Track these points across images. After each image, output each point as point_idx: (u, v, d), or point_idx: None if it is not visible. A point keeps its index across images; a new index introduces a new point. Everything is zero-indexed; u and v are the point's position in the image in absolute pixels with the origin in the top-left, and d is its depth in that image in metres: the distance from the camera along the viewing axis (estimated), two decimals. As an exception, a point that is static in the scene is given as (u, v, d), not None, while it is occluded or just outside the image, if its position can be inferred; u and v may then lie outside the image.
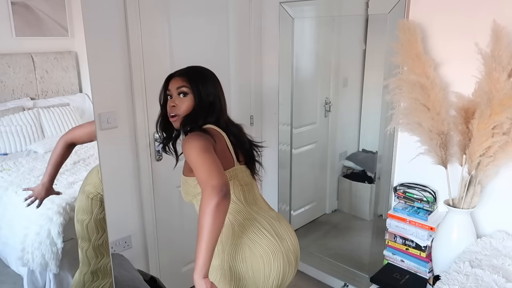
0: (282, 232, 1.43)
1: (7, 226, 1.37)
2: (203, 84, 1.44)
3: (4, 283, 1.37)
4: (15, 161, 1.34)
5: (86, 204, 1.38)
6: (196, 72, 1.46)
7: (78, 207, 1.38)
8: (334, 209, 3.54)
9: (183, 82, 1.43)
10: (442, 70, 1.90)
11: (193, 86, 1.42)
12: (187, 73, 1.45)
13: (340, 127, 3.36)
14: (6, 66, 1.24)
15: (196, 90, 1.42)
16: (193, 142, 1.29)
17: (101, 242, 1.42)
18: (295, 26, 2.52)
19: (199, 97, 1.42)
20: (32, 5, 1.26)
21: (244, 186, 1.45)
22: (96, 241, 1.42)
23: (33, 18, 1.27)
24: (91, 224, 1.40)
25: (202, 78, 1.45)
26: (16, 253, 1.37)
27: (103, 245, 1.43)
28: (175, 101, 1.43)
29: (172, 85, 1.45)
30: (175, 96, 1.44)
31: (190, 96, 1.42)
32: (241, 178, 1.45)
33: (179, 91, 1.42)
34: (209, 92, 1.44)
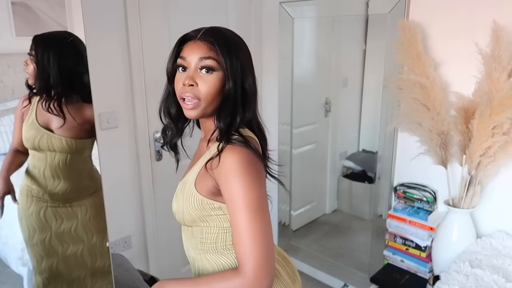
0: (292, 270, 1.15)
1: (7, 226, 1.37)
2: (239, 61, 0.93)
3: (4, 283, 1.37)
4: (15, 161, 1.34)
5: (20, 200, 1.33)
6: (229, 39, 0.95)
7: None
8: (334, 209, 3.54)
9: (210, 50, 0.92)
10: (442, 70, 1.90)
11: (226, 59, 0.91)
12: (216, 37, 0.93)
13: (340, 127, 3.36)
14: (6, 66, 1.24)
15: (231, 68, 0.91)
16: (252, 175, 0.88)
17: (35, 241, 1.35)
18: (295, 26, 2.52)
19: (234, 79, 0.92)
20: (32, 5, 1.26)
21: None
22: (31, 240, 1.35)
23: (33, 18, 1.27)
24: (24, 221, 1.34)
25: (237, 49, 0.94)
26: (16, 253, 1.37)
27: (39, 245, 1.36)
28: (194, 77, 0.92)
29: (190, 51, 0.94)
30: (194, 70, 0.93)
31: (218, 74, 0.92)
32: None
33: (203, 65, 0.91)
34: (245, 73, 0.95)
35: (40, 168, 1.34)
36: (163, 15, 2.13)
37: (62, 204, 1.39)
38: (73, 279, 1.45)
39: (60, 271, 1.42)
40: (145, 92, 2.10)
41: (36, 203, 1.35)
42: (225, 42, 0.93)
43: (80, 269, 1.45)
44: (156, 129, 2.20)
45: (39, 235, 1.36)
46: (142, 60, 2.05)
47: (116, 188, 2.10)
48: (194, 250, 1.06)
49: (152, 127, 2.18)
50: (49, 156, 1.33)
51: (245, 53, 0.97)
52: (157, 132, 2.20)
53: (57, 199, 1.38)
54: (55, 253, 1.40)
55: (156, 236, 2.31)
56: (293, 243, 2.89)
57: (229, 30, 0.99)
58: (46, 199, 1.36)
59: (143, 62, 2.06)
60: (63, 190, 1.37)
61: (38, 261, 1.39)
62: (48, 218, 1.37)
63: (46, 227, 1.38)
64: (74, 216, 1.41)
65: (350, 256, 2.79)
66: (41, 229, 1.37)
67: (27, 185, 1.34)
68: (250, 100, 0.97)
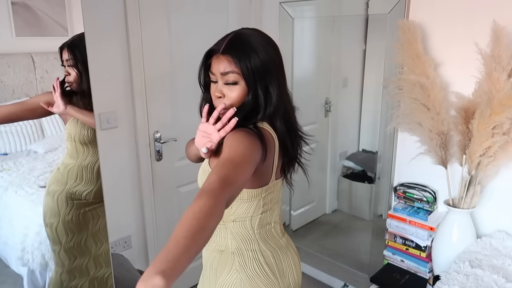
0: (285, 267, 1.19)
1: (7, 226, 1.37)
2: (260, 63, 1.02)
3: (4, 283, 1.37)
4: (15, 161, 1.35)
5: (52, 206, 1.35)
6: (248, 47, 1.02)
7: (45, 211, 1.35)
8: (334, 209, 3.53)
9: (230, 65, 1.02)
10: (442, 70, 1.90)
11: (244, 70, 1.01)
12: (235, 49, 1.02)
13: (340, 127, 3.36)
14: (6, 66, 1.24)
15: (250, 77, 1.02)
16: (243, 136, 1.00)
17: (72, 244, 1.39)
18: (295, 26, 2.52)
19: (254, 86, 1.03)
20: (32, 5, 1.26)
21: (268, 210, 1.14)
22: (67, 244, 1.38)
23: (33, 18, 1.27)
24: (60, 227, 1.36)
25: (257, 56, 1.02)
26: (16, 253, 1.37)
27: (75, 247, 1.39)
28: (222, 90, 1.05)
29: (216, 67, 1.04)
30: (221, 83, 1.05)
31: (241, 84, 1.03)
32: (270, 199, 1.13)
33: (226, 80, 1.03)
34: (269, 74, 1.04)
35: (95, 164, 1.39)
36: (163, 15, 2.13)
37: (101, 201, 1.41)
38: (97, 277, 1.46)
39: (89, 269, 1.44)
40: (145, 92, 2.10)
41: (76, 207, 1.37)
42: (244, 51, 1.02)
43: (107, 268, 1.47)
44: (156, 129, 2.20)
45: (76, 237, 1.39)
46: (142, 60, 2.05)
47: (116, 188, 2.10)
48: None
49: (152, 127, 2.17)
50: None
51: (269, 53, 1.04)
52: (157, 132, 2.20)
53: (100, 196, 1.41)
54: (88, 252, 1.42)
55: (156, 236, 2.31)
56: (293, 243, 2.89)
57: (252, 33, 1.06)
58: (87, 199, 1.38)
59: (143, 62, 2.06)
60: None
61: (71, 260, 1.40)
62: (86, 219, 1.40)
63: (84, 228, 1.40)
64: None
65: (350, 256, 2.79)
66: (79, 231, 1.39)
67: (66, 189, 1.36)
68: (272, 99, 1.05)
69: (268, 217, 1.15)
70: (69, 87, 1.29)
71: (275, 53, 1.07)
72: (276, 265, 1.15)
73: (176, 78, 2.25)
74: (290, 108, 1.12)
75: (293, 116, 1.14)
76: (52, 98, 1.27)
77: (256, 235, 1.13)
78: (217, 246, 1.16)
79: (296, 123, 1.14)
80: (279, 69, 1.08)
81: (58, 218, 1.36)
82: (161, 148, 2.23)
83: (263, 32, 1.09)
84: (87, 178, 1.37)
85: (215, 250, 1.16)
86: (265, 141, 1.01)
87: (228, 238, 1.13)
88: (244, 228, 1.12)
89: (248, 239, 1.13)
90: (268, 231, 1.16)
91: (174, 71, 2.23)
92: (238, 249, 1.13)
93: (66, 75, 1.27)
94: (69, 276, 1.42)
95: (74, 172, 1.37)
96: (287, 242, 1.23)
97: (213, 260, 1.16)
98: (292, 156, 1.14)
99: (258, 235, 1.13)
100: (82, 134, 1.33)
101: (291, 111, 1.13)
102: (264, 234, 1.15)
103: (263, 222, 1.13)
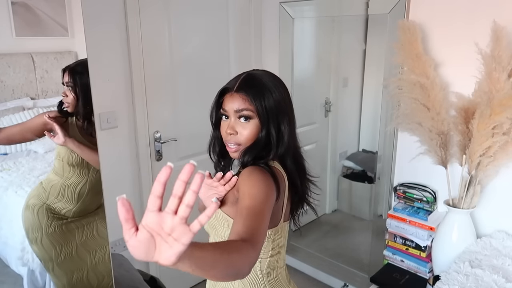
0: None
1: (7, 226, 1.37)
2: (274, 103, 1.04)
3: (4, 283, 1.37)
4: (15, 161, 1.34)
5: (33, 220, 1.34)
6: (261, 86, 1.04)
7: (27, 226, 1.34)
8: (334, 209, 3.54)
9: (245, 102, 1.02)
10: (442, 70, 1.90)
11: (259, 107, 1.02)
12: (249, 87, 1.04)
13: (340, 127, 3.36)
14: (6, 66, 1.24)
15: (264, 114, 1.03)
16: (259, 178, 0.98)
17: (63, 257, 1.37)
18: (295, 26, 2.52)
19: (268, 124, 1.04)
20: (32, 5, 1.26)
21: (276, 254, 1.12)
22: (58, 258, 1.36)
23: (33, 18, 1.27)
24: (45, 240, 1.35)
25: (270, 95, 1.04)
26: (16, 253, 1.37)
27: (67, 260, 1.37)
28: (234, 127, 1.04)
29: (229, 104, 1.04)
30: (234, 120, 1.05)
31: (254, 121, 1.04)
32: (278, 242, 1.12)
33: (240, 115, 1.03)
34: (281, 113, 1.06)
35: (78, 185, 1.38)
36: (163, 15, 2.13)
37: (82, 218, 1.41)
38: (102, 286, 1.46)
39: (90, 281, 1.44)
40: (145, 92, 2.10)
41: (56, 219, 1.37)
42: (258, 90, 1.03)
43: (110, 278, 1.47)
44: (156, 129, 2.20)
45: (65, 248, 1.37)
46: (142, 60, 2.06)
47: (116, 188, 2.10)
48: None
49: (152, 127, 2.18)
50: (92, 173, 1.39)
51: (280, 93, 1.07)
52: (157, 132, 2.20)
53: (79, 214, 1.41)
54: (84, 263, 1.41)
55: (156, 236, 2.31)
56: (293, 243, 2.89)
57: (264, 74, 1.09)
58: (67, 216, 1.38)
59: (143, 62, 2.06)
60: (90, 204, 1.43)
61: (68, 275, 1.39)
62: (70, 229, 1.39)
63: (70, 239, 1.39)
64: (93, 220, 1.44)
65: (350, 256, 2.79)
66: (66, 242, 1.38)
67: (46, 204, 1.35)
68: (284, 138, 1.06)
69: (276, 262, 1.12)
70: (66, 108, 1.30)
71: (286, 93, 1.09)
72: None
73: (176, 78, 2.25)
74: (298, 148, 1.14)
75: (302, 157, 1.15)
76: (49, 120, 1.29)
77: (264, 279, 1.10)
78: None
79: (304, 164, 1.16)
80: (290, 109, 1.11)
81: (41, 232, 1.34)
82: (161, 148, 2.23)
83: (273, 73, 1.11)
84: (68, 196, 1.36)
85: None
86: (278, 180, 1.01)
87: (236, 283, 1.09)
88: (253, 272, 1.08)
89: (256, 284, 1.09)
90: (276, 276, 1.13)
91: (174, 71, 2.23)
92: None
93: (64, 96, 1.29)
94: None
95: (56, 189, 1.36)
96: None
97: None
98: (301, 196, 1.15)
99: (267, 279, 1.10)
100: (71, 157, 1.33)
101: (300, 151, 1.15)
102: (272, 279, 1.11)
103: (271, 266, 1.11)
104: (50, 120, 1.28)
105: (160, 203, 0.62)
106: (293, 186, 1.11)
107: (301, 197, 1.15)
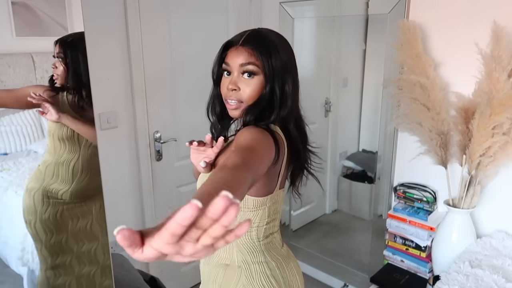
0: (290, 278, 1.16)
1: (7, 226, 1.37)
2: (280, 62, 1.00)
3: (4, 283, 1.37)
4: (15, 161, 1.35)
5: (29, 203, 1.33)
6: (269, 43, 1.00)
7: (23, 207, 1.34)
8: (334, 209, 3.53)
9: (250, 56, 0.98)
10: (442, 70, 1.90)
11: (265, 64, 0.98)
12: (256, 42, 0.99)
13: (340, 127, 3.36)
14: (6, 66, 1.24)
15: (270, 71, 0.99)
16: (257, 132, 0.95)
17: (53, 243, 1.37)
18: (295, 26, 2.52)
19: (272, 81, 1.00)
20: (32, 5, 1.26)
21: (272, 221, 1.12)
22: (48, 242, 1.36)
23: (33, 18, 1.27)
24: (39, 225, 1.34)
25: (277, 53, 0.99)
26: (16, 253, 1.37)
27: (56, 245, 1.38)
28: (237, 82, 1.00)
29: (233, 58, 1.00)
30: (236, 75, 1.01)
31: (259, 78, 0.99)
32: (274, 209, 1.11)
33: (244, 70, 0.99)
34: (286, 74, 1.02)
35: (71, 162, 1.35)
36: (163, 15, 2.13)
37: (78, 202, 1.40)
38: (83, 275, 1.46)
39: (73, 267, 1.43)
40: (145, 92, 2.10)
41: (52, 205, 1.36)
42: (265, 46, 0.99)
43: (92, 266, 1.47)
44: (156, 129, 2.20)
45: (56, 236, 1.37)
46: (142, 60, 2.06)
47: (116, 188, 2.10)
48: None
49: (152, 127, 2.18)
50: (83, 148, 1.36)
51: (286, 54, 1.02)
52: (157, 132, 2.20)
53: (77, 196, 1.39)
54: (70, 251, 1.41)
55: (156, 236, 2.31)
56: (293, 243, 2.89)
57: (271, 32, 1.04)
58: (64, 199, 1.36)
59: (143, 62, 2.06)
60: (87, 185, 1.39)
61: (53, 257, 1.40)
62: (64, 219, 1.38)
63: (63, 228, 1.39)
64: (89, 213, 1.44)
65: (350, 256, 2.79)
66: (58, 230, 1.38)
67: (43, 187, 1.34)
68: (287, 100, 1.02)
69: (271, 228, 1.12)
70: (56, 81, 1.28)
71: (292, 54, 1.06)
72: (282, 277, 1.12)
73: (176, 78, 2.25)
74: (301, 113, 1.11)
75: (304, 122, 1.11)
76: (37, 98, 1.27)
77: (262, 246, 1.10)
78: (221, 260, 1.11)
79: (306, 131, 1.12)
80: (295, 70, 1.06)
81: (35, 216, 1.34)
82: (161, 148, 2.23)
83: (280, 33, 1.07)
84: (63, 176, 1.35)
85: (218, 265, 1.12)
86: (278, 142, 0.98)
87: (234, 251, 1.09)
88: (250, 239, 1.08)
89: (254, 250, 1.09)
90: (271, 241, 1.13)
91: (174, 71, 2.23)
92: (245, 262, 1.09)
93: (53, 68, 1.27)
94: (54, 273, 1.40)
95: (51, 169, 1.35)
96: (287, 251, 1.21)
97: (216, 275, 1.12)
98: (302, 163, 1.11)
99: (264, 246, 1.10)
100: (61, 130, 1.32)
101: (302, 117, 1.11)
102: (268, 245, 1.12)
103: (267, 232, 1.11)
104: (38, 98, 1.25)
105: None
106: (295, 152, 1.08)
107: (302, 165, 1.12)
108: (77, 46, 1.29)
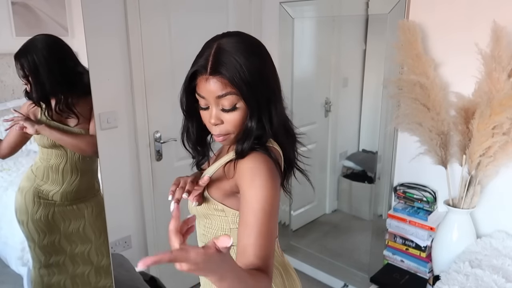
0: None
1: (7, 226, 1.37)
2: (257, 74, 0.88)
3: (4, 283, 1.37)
4: (15, 161, 1.35)
5: (21, 203, 1.34)
6: (238, 58, 0.87)
7: (16, 207, 1.34)
8: (334, 209, 3.53)
9: (226, 86, 0.87)
10: (442, 70, 1.90)
11: (243, 87, 0.86)
12: (226, 66, 0.86)
13: (340, 127, 3.36)
14: (6, 66, 1.24)
15: (250, 91, 0.87)
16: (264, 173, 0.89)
17: (46, 243, 1.37)
18: (295, 26, 2.52)
19: (256, 102, 0.89)
20: (32, 5, 1.26)
21: None
22: (41, 242, 1.37)
23: (33, 18, 1.27)
24: (31, 225, 1.35)
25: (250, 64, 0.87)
26: (16, 253, 1.37)
27: (49, 246, 1.38)
28: (219, 116, 0.90)
29: (205, 90, 0.89)
30: (216, 109, 0.90)
31: (241, 104, 0.89)
32: None
33: (224, 103, 0.88)
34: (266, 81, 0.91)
35: (60, 165, 1.35)
36: (163, 15, 2.13)
37: (69, 204, 1.39)
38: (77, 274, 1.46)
39: (67, 266, 1.43)
40: (145, 92, 2.10)
41: (43, 206, 1.36)
42: (236, 65, 0.86)
43: (86, 266, 1.47)
44: (156, 129, 2.20)
45: (48, 237, 1.37)
46: (142, 60, 2.05)
47: (116, 188, 2.10)
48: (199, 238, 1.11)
49: (152, 127, 2.18)
50: (70, 152, 1.36)
51: (258, 58, 0.91)
52: (157, 132, 2.20)
53: (68, 198, 1.39)
54: (63, 251, 1.41)
55: (156, 236, 2.31)
56: (293, 243, 2.89)
57: (236, 39, 0.92)
58: (55, 200, 1.36)
59: (143, 62, 2.06)
60: (77, 187, 1.39)
61: (46, 257, 1.40)
62: (56, 220, 1.38)
63: (55, 229, 1.39)
64: (81, 215, 1.43)
65: (350, 256, 2.79)
66: (50, 231, 1.38)
67: (34, 187, 1.34)
68: (276, 107, 0.94)
69: None
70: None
71: (266, 55, 0.95)
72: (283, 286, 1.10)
73: (176, 78, 2.25)
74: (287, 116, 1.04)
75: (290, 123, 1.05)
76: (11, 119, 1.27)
77: None
78: None
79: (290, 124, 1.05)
80: (273, 69, 0.96)
81: (27, 216, 1.34)
82: (161, 148, 2.23)
83: (247, 34, 0.96)
84: (53, 178, 1.35)
85: None
86: (280, 163, 0.95)
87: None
88: None
89: None
90: None
91: (174, 71, 2.23)
92: None
93: (23, 84, 1.24)
94: (48, 271, 1.41)
95: (41, 171, 1.35)
96: (286, 260, 1.18)
97: None
98: (291, 161, 1.07)
99: None
100: (42, 140, 1.32)
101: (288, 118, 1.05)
102: None
103: None
104: (11, 123, 1.25)
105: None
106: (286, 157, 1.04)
107: (291, 163, 1.07)
108: (32, 52, 1.23)
